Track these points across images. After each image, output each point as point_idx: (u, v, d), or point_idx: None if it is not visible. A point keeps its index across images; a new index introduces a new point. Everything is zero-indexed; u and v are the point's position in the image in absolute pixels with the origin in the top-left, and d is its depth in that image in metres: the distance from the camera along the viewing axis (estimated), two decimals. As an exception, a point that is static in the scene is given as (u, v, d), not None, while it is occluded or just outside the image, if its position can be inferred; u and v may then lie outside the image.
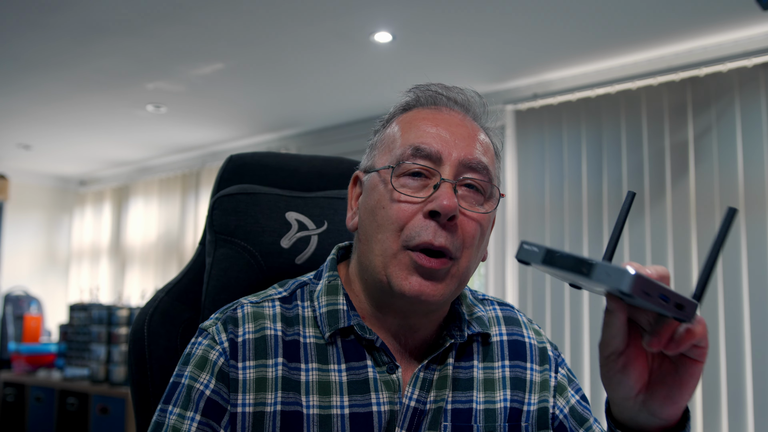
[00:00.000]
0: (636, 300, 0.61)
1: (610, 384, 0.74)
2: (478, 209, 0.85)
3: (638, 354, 0.72)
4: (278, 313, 0.88)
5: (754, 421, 2.94)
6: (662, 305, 0.61)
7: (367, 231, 0.86)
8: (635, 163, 3.42)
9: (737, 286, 3.04)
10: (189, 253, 5.75)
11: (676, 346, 0.67)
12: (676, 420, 0.75)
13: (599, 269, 0.60)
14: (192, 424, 0.80)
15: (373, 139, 0.94)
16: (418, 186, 0.84)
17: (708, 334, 0.70)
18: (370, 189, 0.88)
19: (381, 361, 0.86)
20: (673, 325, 0.66)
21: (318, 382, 0.84)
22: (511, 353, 0.95)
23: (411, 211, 0.83)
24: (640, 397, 0.73)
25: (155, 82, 3.97)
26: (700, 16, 2.96)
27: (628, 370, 0.72)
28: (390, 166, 0.85)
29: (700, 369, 0.70)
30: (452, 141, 0.85)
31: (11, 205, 6.36)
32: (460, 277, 0.85)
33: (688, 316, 0.63)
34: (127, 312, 3.69)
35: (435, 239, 0.81)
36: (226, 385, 0.82)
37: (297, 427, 0.81)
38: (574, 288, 0.73)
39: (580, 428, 0.93)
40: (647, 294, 0.59)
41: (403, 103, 0.93)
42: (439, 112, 0.89)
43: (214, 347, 0.84)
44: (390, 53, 3.43)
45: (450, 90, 0.92)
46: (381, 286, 0.85)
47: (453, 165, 0.84)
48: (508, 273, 3.81)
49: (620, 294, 0.61)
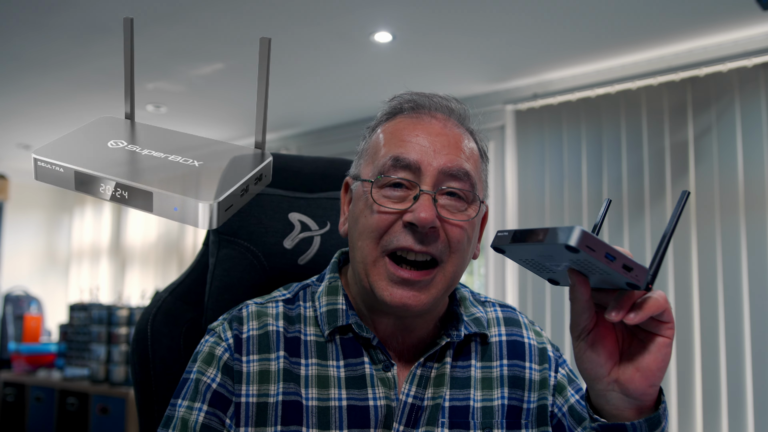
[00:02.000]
0: (588, 260, 0.65)
1: (582, 363, 0.77)
2: (460, 216, 0.86)
3: (607, 332, 0.76)
4: (281, 313, 0.92)
5: (754, 421, 2.94)
6: (609, 264, 0.65)
7: (352, 238, 0.90)
8: (635, 163, 3.42)
9: (737, 286, 3.05)
10: (189, 253, 5.75)
11: (635, 316, 0.70)
12: (652, 401, 0.77)
13: (551, 232, 0.65)
14: (200, 414, 0.84)
15: (360, 146, 0.96)
16: (399, 197, 0.86)
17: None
18: (356, 198, 0.91)
19: (377, 359, 0.89)
20: (633, 296, 0.71)
21: (317, 376, 0.87)
22: (509, 353, 0.97)
23: (390, 220, 0.85)
24: (612, 376, 0.75)
25: (155, 82, 3.97)
26: (700, 16, 2.96)
27: (597, 348, 0.75)
28: (370, 180, 0.87)
29: (668, 345, 0.73)
30: (432, 150, 0.87)
31: (11, 205, 6.36)
32: (447, 283, 0.87)
33: (638, 280, 0.67)
34: (127, 312, 3.69)
35: (415, 245, 0.84)
36: (231, 377, 0.86)
37: (297, 417, 0.85)
38: (553, 284, 0.78)
39: (579, 427, 0.95)
40: (591, 249, 0.64)
41: (387, 110, 0.95)
42: (420, 120, 0.90)
43: (220, 344, 0.88)
44: (390, 53, 3.44)
45: (431, 97, 0.93)
46: (367, 293, 0.88)
47: (432, 175, 0.85)
48: (508, 273, 3.82)
49: (572, 255, 0.65)
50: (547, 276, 0.76)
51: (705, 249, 3.15)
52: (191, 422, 0.84)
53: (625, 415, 0.77)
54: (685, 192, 0.71)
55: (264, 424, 0.84)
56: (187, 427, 0.84)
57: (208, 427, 0.84)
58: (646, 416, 0.77)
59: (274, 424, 0.84)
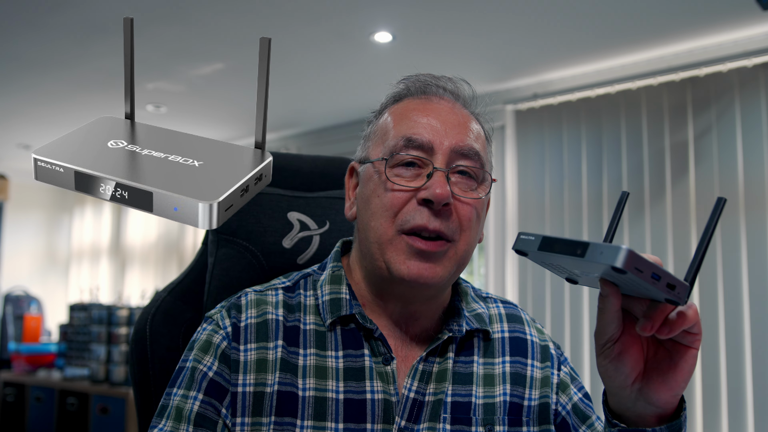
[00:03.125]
0: (629, 278, 0.62)
1: (607, 372, 0.75)
2: (471, 194, 0.88)
3: (633, 342, 0.74)
4: (281, 301, 0.91)
5: (754, 421, 2.94)
6: (654, 283, 0.62)
7: (363, 219, 0.89)
8: (635, 163, 3.42)
9: (737, 286, 3.05)
10: (189, 253, 5.76)
11: (669, 330, 0.68)
12: (672, 408, 0.76)
13: (593, 248, 0.61)
14: (195, 402, 0.83)
15: (366, 130, 0.96)
16: (412, 175, 0.86)
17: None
18: (366, 179, 0.90)
19: (378, 351, 0.88)
20: (666, 309, 0.68)
21: (315, 366, 0.86)
22: (512, 349, 0.97)
23: (404, 198, 0.85)
24: (636, 386, 0.74)
25: (155, 82, 3.97)
26: (700, 16, 2.96)
27: (623, 358, 0.73)
28: (383, 158, 0.87)
29: (695, 356, 0.72)
30: (443, 130, 0.88)
31: (11, 205, 6.36)
32: (458, 260, 0.87)
33: (680, 298, 0.65)
34: (127, 312, 3.69)
35: (429, 223, 0.83)
36: (228, 366, 0.85)
37: (291, 407, 0.84)
38: (571, 282, 0.75)
39: (583, 425, 0.95)
40: (639, 270, 0.61)
41: (394, 93, 0.95)
42: (429, 102, 0.91)
43: (218, 332, 0.87)
44: (390, 53, 3.44)
45: (439, 79, 0.94)
46: (380, 272, 0.87)
47: (445, 153, 0.86)
48: (508, 271, 3.82)
49: (613, 273, 0.63)
50: (566, 276, 0.74)
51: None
52: (186, 411, 0.82)
53: (646, 422, 0.76)
54: (721, 199, 0.67)
55: (260, 414, 0.83)
56: (182, 416, 0.82)
57: (203, 417, 0.82)
58: (667, 423, 0.76)
59: (269, 414, 0.83)
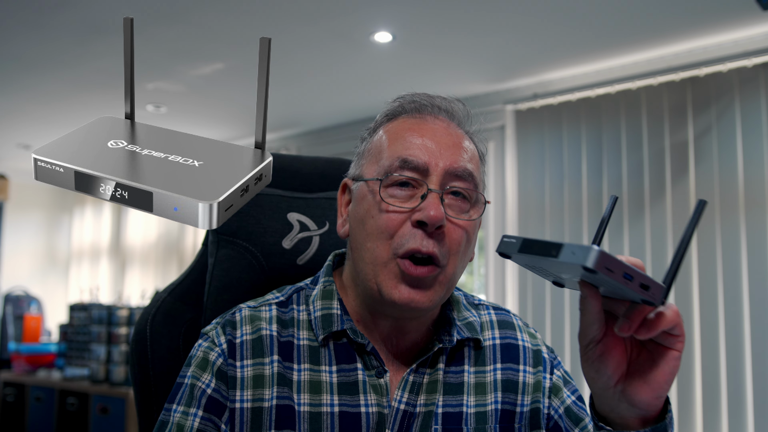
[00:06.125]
0: (603, 278, 0.64)
1: (589, 374, 0.76)
2: (464, 217, 0.87)
3: (616, 344, 0.74)
4: (274, 316, 0.91)
5: (754, 421, 2.95)
6: (627, 284, 0.64)
7: (357, 239, 0.89)
8: (635, 163, 3.42)
9: (737, 286, 3.05)
10: (189, 254, 5.76)
11: (647, 331, 0.69)
12: (657, 411, 0.76)
13: (566, 249, 0.63)
14: (195, 419, 0.84)
15: (360, 147, 0.96)
16: (406, 196, 0.86)
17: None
18: (360, 198, 0.90)
19: (371, 365, 0.89)
20: (644, 310, 0.69)
21: (309, 381, 0.87)
22: (503, 356, 0.97)
23: (399, 220, 0.85)
24: (619, 387, 0.75)
25: (155, 82, 3.97)
26: (700, 16, 2.96)
27: (605, 359, 0.74)
28: (378, 178, 0.87)
29: (677, 357, 0.73)
30: (438, 151, 0.87)
31: (11, 205, 6.36)
32: (447, 284, 0.87)
33: (654, 298, 0.66)
34: (127, 312, 3.69)
35: (422, 246, 0.83)
36: (225, 383, 0.86)
37: (290, 422, 0.85)
38: (558, 286, 0.76)
39: (576, 428, 0.95)
40: (610, 270, 0.62)
41: (388, 111, 0.95)
42: (424, 122, 0.91)
43: (214, 349, 0.88)
44: (390, 53, 3.44)
45: (434, 98, 0.94)
46: (372, 293, 0.87)
47: (439, 175, 0.86)
48: (508, 274, 3.82)
49: (587, 273, 0.64)
50: (552, 279, 0.75)
51: (705, 249, 3.15)
52: (187, 428, 0.84)
53: (630, 424, 0.77)
54: (702, 201, 0.69)
55: (259, 429, 0.84)
56: None
57: None
58: (651, 426, 0.76)
59: (268, 428, 0.84)
